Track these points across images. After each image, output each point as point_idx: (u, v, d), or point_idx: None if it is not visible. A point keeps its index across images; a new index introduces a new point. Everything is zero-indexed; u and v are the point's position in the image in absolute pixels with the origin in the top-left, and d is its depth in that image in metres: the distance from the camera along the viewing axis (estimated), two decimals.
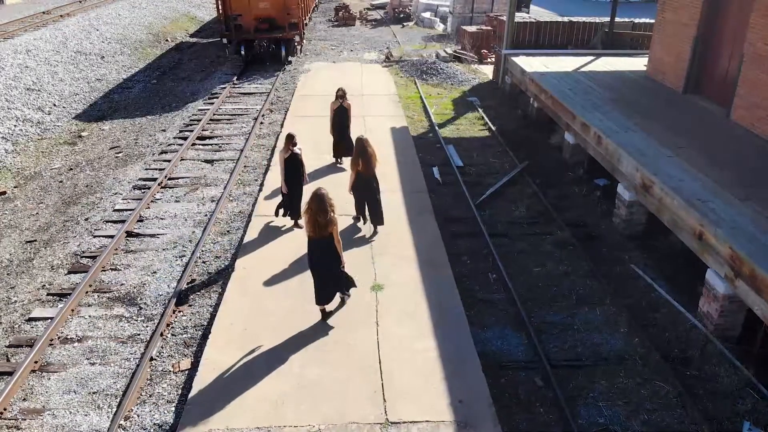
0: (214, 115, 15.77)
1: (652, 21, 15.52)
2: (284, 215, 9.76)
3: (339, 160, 12.01)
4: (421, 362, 6.74)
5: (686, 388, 6.60)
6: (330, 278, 7.33)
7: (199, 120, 15.32)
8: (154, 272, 8.77)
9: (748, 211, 7.91)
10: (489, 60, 21.03)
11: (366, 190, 9.29)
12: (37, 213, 11.20)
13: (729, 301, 7.31)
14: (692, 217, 7.93)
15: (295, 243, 9.20)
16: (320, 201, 6.89)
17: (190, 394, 6.32)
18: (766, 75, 10.31)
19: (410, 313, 7.57)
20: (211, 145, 13.82)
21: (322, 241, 7.06)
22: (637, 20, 18.52)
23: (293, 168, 9.37)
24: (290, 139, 9.22)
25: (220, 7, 19.84)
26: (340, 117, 11.62)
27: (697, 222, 7.82)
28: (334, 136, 11.78)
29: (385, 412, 6.05)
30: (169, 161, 12.67)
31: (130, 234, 9.82)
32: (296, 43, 21.77)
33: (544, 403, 6.42)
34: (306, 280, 8.24)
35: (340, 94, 11.44)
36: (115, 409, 6.36)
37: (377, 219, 9.41)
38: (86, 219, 10.56)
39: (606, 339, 7.40)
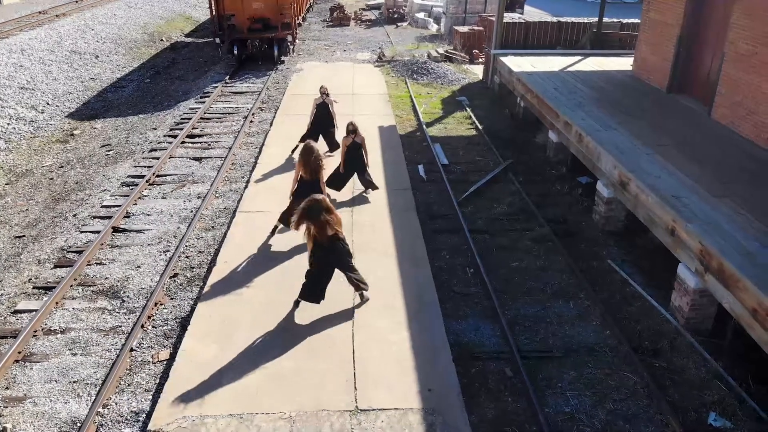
0: (204, 113, 15.90)
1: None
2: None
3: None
4: (395, 353, 6.89)
5: (654, 379, 6.72)
6: None
7: (190, 118, 15.45)
8: (138, 267, 8.91)
9: (723, 207, 8.02)
10: (480, 60, 21.19)
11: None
12: (26, 209, 11.35)
13: (700, 295, 7.43)
14: (666, 213, 8.06)
15: (276, 238, 9.35)
16: (310, 152, 8.88)
17: (167, 383, 6.47)
18: (746, 74, 10.45)
19: (387, 307, 7.71)
20: (200, 143, 13.95)
21: (313, 182, 8.94)
22: (625, 20, 18.66)
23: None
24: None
25: (213, 8, 19.97)
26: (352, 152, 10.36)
27: (670, 218, 7.95)
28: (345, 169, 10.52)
29: (356, 400, 6.19)
30: (157, 159, 12.80)
31: (116, 230, 9.97)
32: (289, 43, 21.94)
33: (512, 393, 6.56)
34: (285, 273, 8.42)
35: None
36: (94, 397, 6.50)
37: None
38: (74, 215, 10.70)
39: (578, 331, 7.53)
